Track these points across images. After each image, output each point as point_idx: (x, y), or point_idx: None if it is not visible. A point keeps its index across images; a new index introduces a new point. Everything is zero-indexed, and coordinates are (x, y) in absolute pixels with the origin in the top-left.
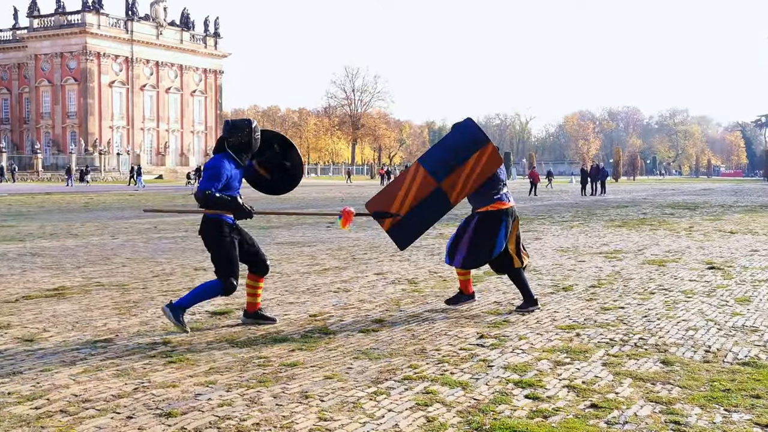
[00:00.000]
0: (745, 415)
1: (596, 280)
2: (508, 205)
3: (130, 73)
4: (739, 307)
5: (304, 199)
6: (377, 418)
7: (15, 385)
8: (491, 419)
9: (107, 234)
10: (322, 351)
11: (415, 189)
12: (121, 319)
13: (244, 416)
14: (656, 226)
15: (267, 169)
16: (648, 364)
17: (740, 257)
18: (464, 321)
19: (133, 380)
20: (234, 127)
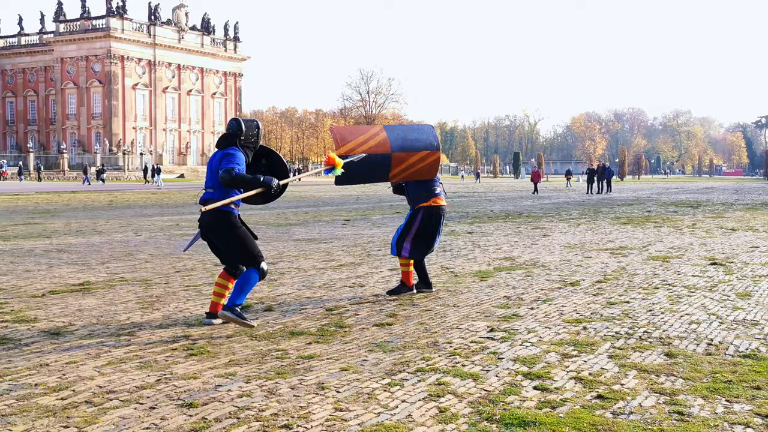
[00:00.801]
0: (746, 406)
1: (602, 276)
2: (444, 202)
3: (153, 76)
4: (740, 301)
5: (321, 197)
6: (391, 409)
7: (42, 376)
8: (501, 410)
9: (131, 231)
10: (338, 344)
11: (372, 143)
12: (144, 313)
13: (262, 407)
14: (660, 224)
15: None
16: (652, 356)
17: (741, 253)
18: (475, 315)
19: (156, 372)
20: (247, 125)
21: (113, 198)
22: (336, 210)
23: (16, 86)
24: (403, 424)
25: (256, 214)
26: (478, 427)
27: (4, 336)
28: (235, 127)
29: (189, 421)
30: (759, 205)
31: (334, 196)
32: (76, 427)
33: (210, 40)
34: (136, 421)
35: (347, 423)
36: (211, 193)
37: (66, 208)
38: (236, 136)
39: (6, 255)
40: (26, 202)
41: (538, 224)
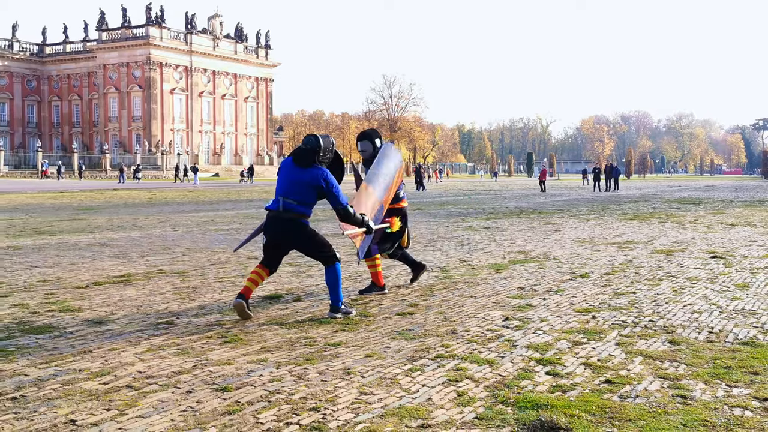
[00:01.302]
0: (745, 390)
1: (610, 268)
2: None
3: (190, 81)
4: (739, 292)
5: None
6: (412, 393)
7: (85, 362)
8: (515, 393)
9: (168, 226)
10: (363, 332)
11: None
12: (181, 303)
13: (292, 391)
14: (664, 219)
15: None
16: (657, 343)
17: (740, 247)
18: (491, 305)
19: (192, 358)
20: (325, 141)
21: (152, 195)
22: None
23: (62, 91)
24: (423, 407)
25: None
26: (493, 410)
27: (50, 324)
28: (315, 143)
29: (223, 404)
30: (757, 202)
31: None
32: (117, 409)
33: (243, 47)
34: (173, 404)
35: (371, 406)
36: (296, 205)
37: (108, 205)
38: (315, 152)
39: (52, 249)
40: (71, 200)
41: (549, 220)
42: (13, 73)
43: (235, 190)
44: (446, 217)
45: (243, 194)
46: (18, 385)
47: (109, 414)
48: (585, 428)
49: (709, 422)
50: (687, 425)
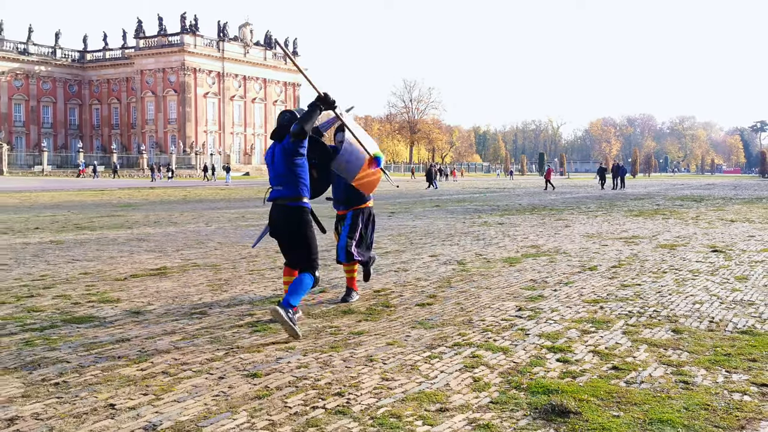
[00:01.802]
0: (744, 376)
1: (617, 262)
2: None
3: (222, 86)
4: (738, 284)
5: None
6: (431, 378)
7: (124, 350)
8: (528, 379)
9: (202, 222)
10: (385, 321)
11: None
12: (214, 294)
13: (318, 377)
14: (668, 216)
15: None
16: (661, 332)
17: (739, 242)
18: (505, 296)
19: (224, 346)
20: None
21: (186, 193)
22: (382, 204)
23: (101, 95)
24: (441, 392)
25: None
26: (507, 395)
27: (91, 314)
28: (291, 118)
29: (253, 390)
30: (755, 200)
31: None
32: (154, 394)
33: (272, 54)
34: (206, 389)
35: (392, 391)
36: (280, 190)
37: (145, 202)
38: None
39: (93, 243)
40: (110, 197)
41: (560, 216)
42: (56, 79)
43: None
44: (463, 214)
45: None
46: (60, 371)
47: (146, 398)
48: (593, 412)
49: (710, 406)
50: (689, 409)
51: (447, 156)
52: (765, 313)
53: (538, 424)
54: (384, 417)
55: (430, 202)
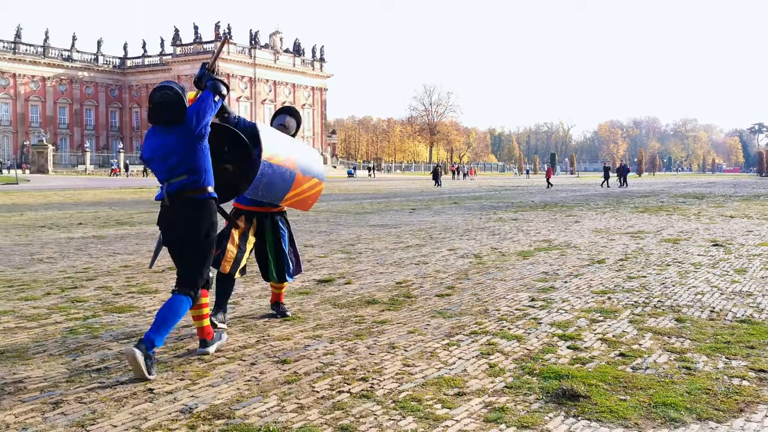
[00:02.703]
0: (742, 362)
1: (624, 255)
2: None
3: (253, 90)
4: (737, 276)
5: (392, 190)
6: (450, 365)
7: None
8: (540, 365)
9: None
10: (406, 311)
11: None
12: (246, 286)
13: (344, 363)
14: (671, 212)
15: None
16: (665, 321)
17: (738, 237)
18: (519, 287)
19: (256, 334)
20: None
21: None
22: (404, 201)
23: (141, 99)
24: (459, 377)
25: (338, 205)
26: (521, 380)
27: (130, 304)
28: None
29: (283, 375)
30: (753, 197)
31: (402, 189)
32: (190, 379)
33: (300, 60)
34: (239, 375)
35: (413, 376)
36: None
37: None
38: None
39: (132, 238)
40: (149, 195)
41: (570, 212)
42: (98, 83)
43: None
44: (479, 210)
45: None
46: (102, 357)
47: (182, 383)
48: (601, 396)
49: (711, 390)
50: (691, 393)
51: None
52: (762, 304)
53: (549, 407)
54: (405, 400)
55: (449, 199)
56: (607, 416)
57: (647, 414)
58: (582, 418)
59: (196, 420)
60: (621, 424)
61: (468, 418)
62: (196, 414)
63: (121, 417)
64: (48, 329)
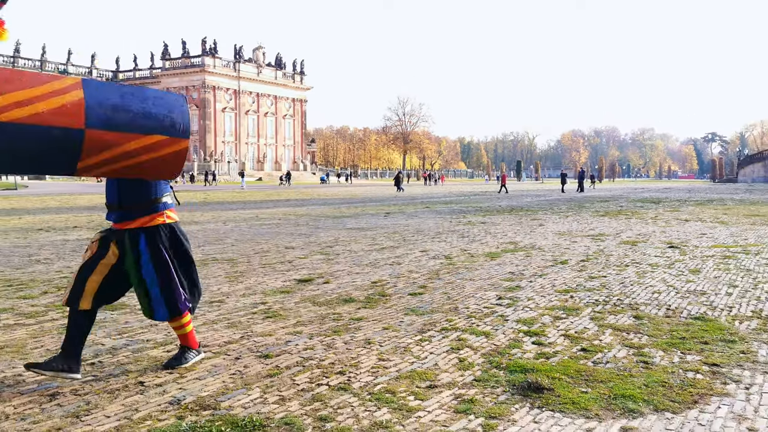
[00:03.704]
0: (697, 357)
1: (585, 256)
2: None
3: (238, 102)
4: (691, 276)
5: (367, 195)
6: (422, 359)
7: (152, 334)
8: (507, 360)
9: (220, 221)
10: (381, 308)
11: (53, 104)
12: (231, 285)
13: (322, 357)
14: (630, 216)
15: None
16: (624, 318)
17: (693, 239)
18: (487, 286)
19: (240, 330)
20: None
21: (206, 196)
22: (379, 205)
23: None
24: (431, 370)
25: (317, 209)
26: (489, 373)
27: (122, 303)
28: None
29: (265, 369)
30: (706, 202)
31: (378, 195)
32: (178, 373)
33: (282, 74)
34: (224, 369)
35: (388, 369)
36: None
37: None
38: None
39: None
40: None
41: (535, 216)
42: None
43: (276, 192)
44: (450, 214)
45: (282, 195)
46: (96, 352)
47: (171, 377)
48: (564, 388)
49: (667, 383)
50: (649, 386)
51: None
52: (715, 302)
53: (515, 399)
54: (380, 393)
55: (421, 204)
56: (570, 407)
57: (607, 405)
58: (546, 409)
59: (184, 411)
60: (582, 415)
61: (439, 409)
62: (184, 405)
63: (114, 408)
64: (45, 326)
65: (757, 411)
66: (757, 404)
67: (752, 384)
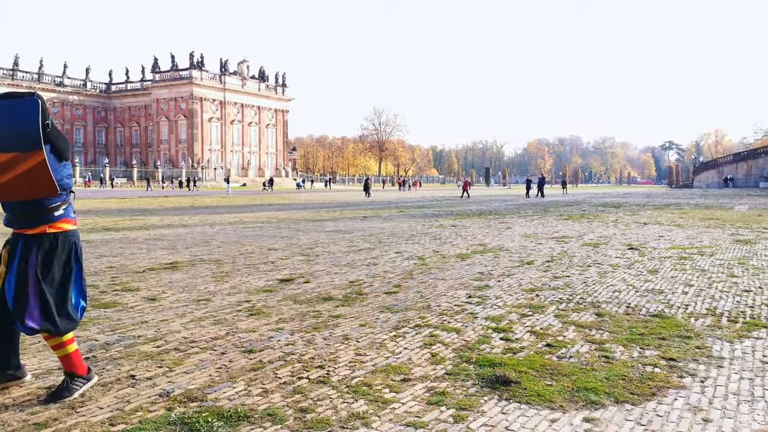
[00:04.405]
0: (655, 352)
1: (550, 257)
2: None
3: (223, 112)
4: (650, 276)
5: (345, 200)
6: (396, 354)
7: (142, 330)
8: (476, 354)
9: (207, 225)
10: (358, 306)
11: None
12: (217, 284)
13: (303, 352)
14: (592, 219)
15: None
16: (586, 315)
17: (651, 241)
18: (457, 286)
19: (225, 327)
20: None
21: (194, 201)
22: (357, 209)
23: (124, 119)
24: (405, 365)
25: (297, 213)
26: (459, 368)
27: (115, 301)
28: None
29: (249, 363)
30: (664, 206)
31: (355, 200)
32: (167, 367)
33: (265, 86)
34: (211, 363)
35: (364, 364)
36: None
37: (160, 208)
38: None
39: (116, 242)
40: (131, 204)
41: (503, 220)
42: (86, 106)
43: (259, 197)
44: (423, 218)
45: (265, 200)
46: (90, 348)
47: (160, 370)
48: (531, 381)
49: (627, 376)
50: (609, 379)
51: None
52: (672, 300)
53: (484, 391)
54: (357, 386)
55: (396, 208)
56: (536, 399)
57: (571, 397)
58: (513, 401)
59: (173, 403)
60: (547, 406)
61: (413, 401)
62: (172, 397)
63: (107, 400)
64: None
65: (712, 403)
66: (711, 396)
67: (707, 377)
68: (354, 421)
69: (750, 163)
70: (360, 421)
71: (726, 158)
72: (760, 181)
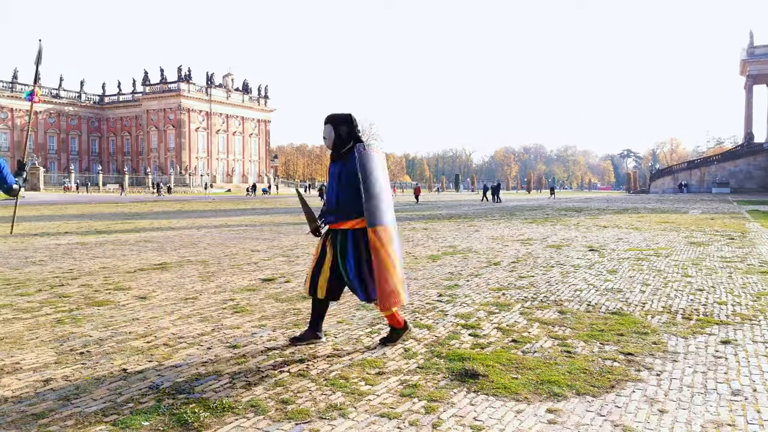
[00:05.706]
0: (614, 347)
1: (515, 258)
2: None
3: (209, 122)
4: (609, 276)
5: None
6: (372, 349)
7: (134, 327)
8: (446, 350)
9: (194, 228)
10: (336, 304)
11: None
12: (203, 283)
13: (284, 347)
14: (555, 223)
15: None
16: (549, 313)
17: (610, 243)
18: (429, 285)
19: (211, 324)
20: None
21: (182, 206)
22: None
23: (116, 129)
24: (379, 359)
25: (279, 217)
26: (430, 362)
27: (107, 299)
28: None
29: (234, 357)
30: (623, 210)
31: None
32: (157, 361)
33: (248, 98)
34: (198, 357)
35: (341, 358)
36: None
37: (150, 213)
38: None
39: (109, 244)
40: (123, 209)
41: (471, 223)
42: (81, 116)
43: (243, 202)
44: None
45: (248, 205)
46: (84, 343)
47: (151, 364)
48: (497, 374)
49: (587, 370)
50: (571, 372)
51: None
52: (630, 299)
53: (454, 384)
54: (335, 379)
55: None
56: (502, 392)
57: (535, 390)
58: (481, 393)
59: (162, 395)
60: (513, 398)
61: (387, 393)
62: (162, 390)
63: (101, 392)
64: (39, 320)
65: (667, 395)
66: (667, 389)
67: (663, 371)
68: (332, 412)
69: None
70: (337, 411)
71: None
72: (712, 187)
